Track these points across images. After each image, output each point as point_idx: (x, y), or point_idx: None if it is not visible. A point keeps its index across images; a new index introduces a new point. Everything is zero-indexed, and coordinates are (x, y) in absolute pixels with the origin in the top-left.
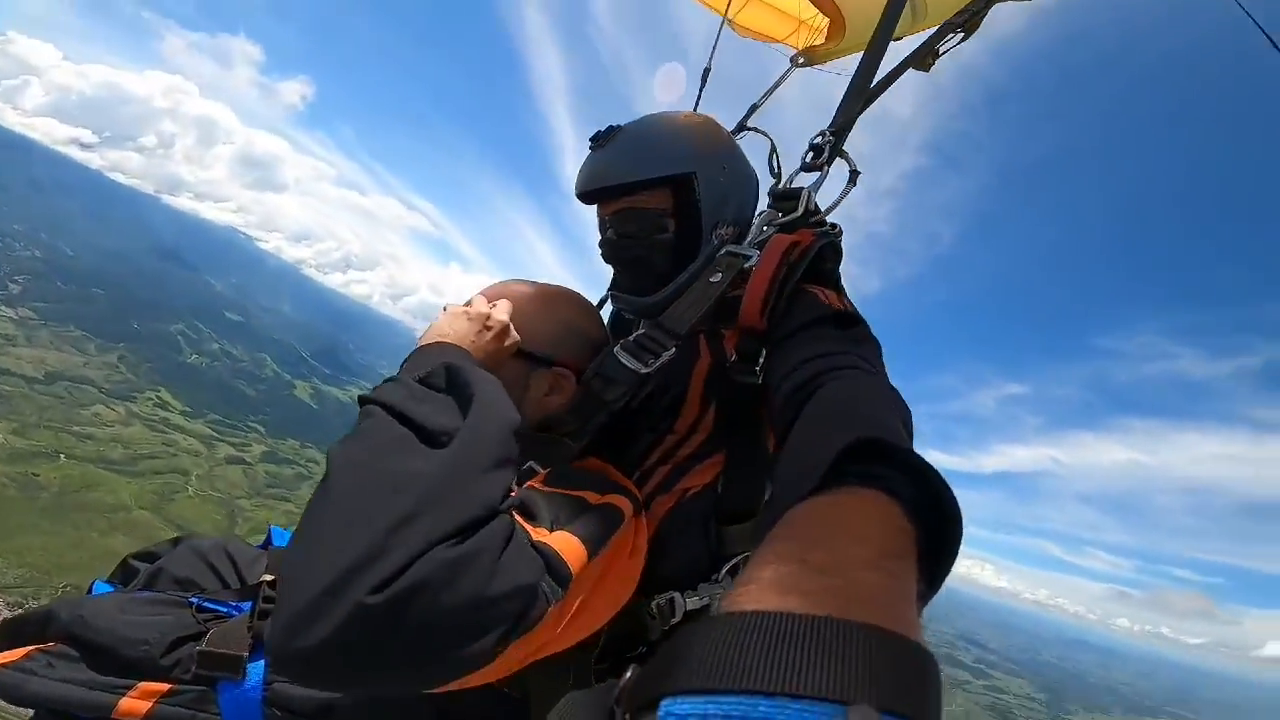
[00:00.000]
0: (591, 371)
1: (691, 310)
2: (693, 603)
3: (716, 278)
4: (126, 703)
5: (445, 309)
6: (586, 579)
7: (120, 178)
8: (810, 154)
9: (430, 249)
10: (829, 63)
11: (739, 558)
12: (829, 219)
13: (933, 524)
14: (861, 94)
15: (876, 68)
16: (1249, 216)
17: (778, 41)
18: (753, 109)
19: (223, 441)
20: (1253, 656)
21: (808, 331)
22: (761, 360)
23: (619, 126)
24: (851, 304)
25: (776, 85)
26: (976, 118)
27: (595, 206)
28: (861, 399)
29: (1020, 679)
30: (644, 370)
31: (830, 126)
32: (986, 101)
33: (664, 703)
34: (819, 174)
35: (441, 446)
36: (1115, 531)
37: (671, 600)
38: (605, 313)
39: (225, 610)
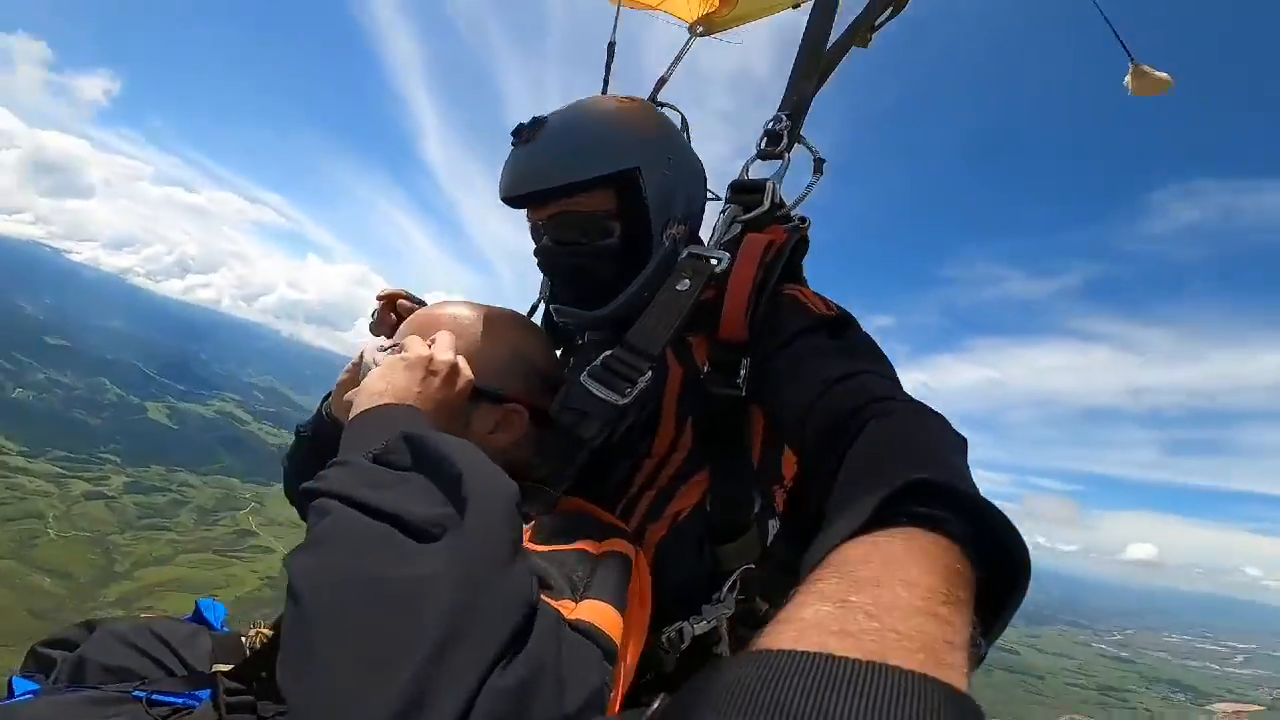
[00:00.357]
0: (558, 406)
1: (662, 325)
2: (700, 628)
3: (684, 285)
4: None
5: (366, 358)
6: (625, 644)
7: None
8: (766, 140)
9: (283, 243)
10: (729, 30)
11: (735, 574)
12: (797, 212)
13: (995, 568)
14: (812, 71)
15: (825, 39)
16: (1056, 153)
17: (664, 11)
18: (661, 82)
19: (74, 478)
20: (1119, 560)
21: (805, 343)
22: (743, 371)
23: (544, 118)
24: (829, 302)
25: (679, 57)
26: (777, 57)
27: (524, 211)
28: (917, 436)
29: None
30: (621, 401)
31: (783, 110)
32: (783, 32)
33: None
34: (780, 163)
35: (434, 540)
36: (986, 448)
37: (680, 630)
38: (536, 320)
39: (180, 702)
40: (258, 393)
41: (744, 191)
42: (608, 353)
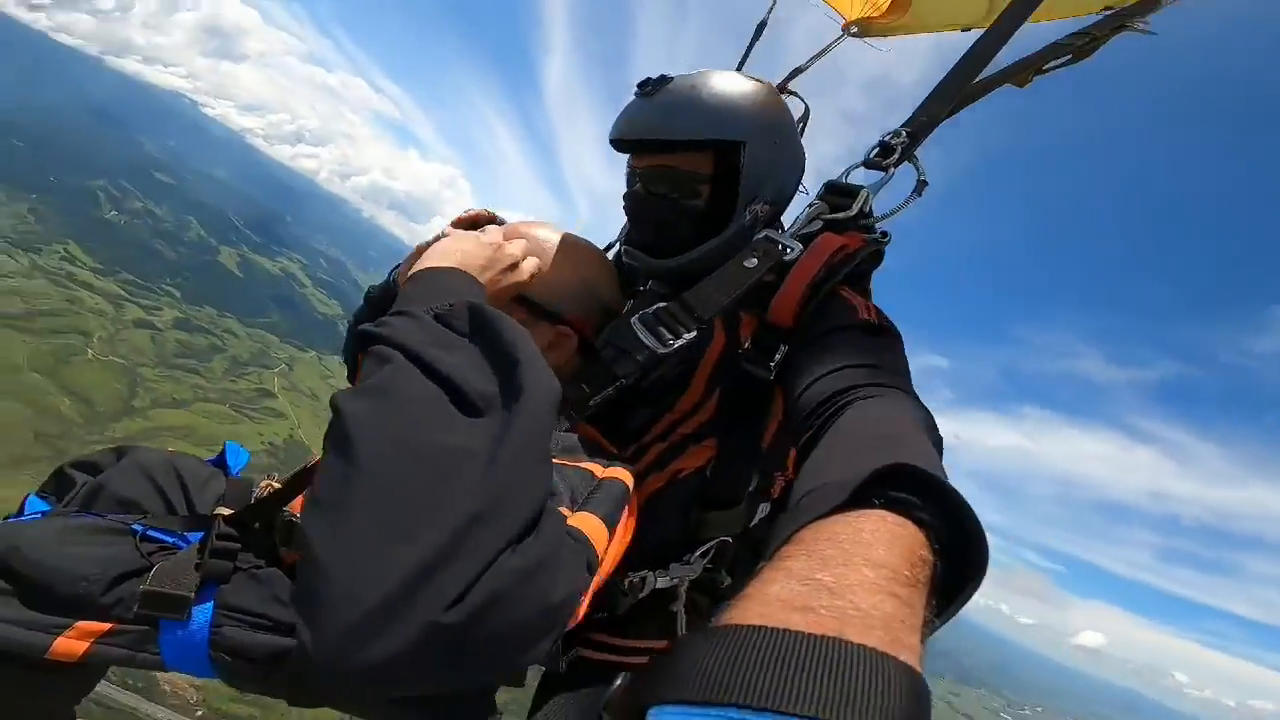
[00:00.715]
0: (604, 340)
1: (720, 293)
2: (663, 582)
3: (752, 263)
4: (62, 643)
5: (445, 233)
6: (601, 565)
7: (65, 39)
8: (877, 150)
9: (392, 133)
10: (884, 38)
11: (712, 542)
12: (881, 226)
13: (955, 557)
14: (952, 96)
15: (978, 72)
16: (1180, 234)
17: (826, 3)
18: (796, 72)
19: (132, 303)
20: (1069, 643)
21: (836, 337)
22: (778, 356)
23: (670, 77)
24: (879, 311)
25: (824, 51)
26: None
27: (627, 156)
28: (896, 421)
29: None
30: (661, 350)
31: (906, 125)
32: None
33: (652, 712)
34: (883, 174)
35: (479, 415)
36: (987, 509)
37: (644, 578)
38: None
39: (172, 541)
40: (323, 260)
41: (837, 193)
42: (662, 304)
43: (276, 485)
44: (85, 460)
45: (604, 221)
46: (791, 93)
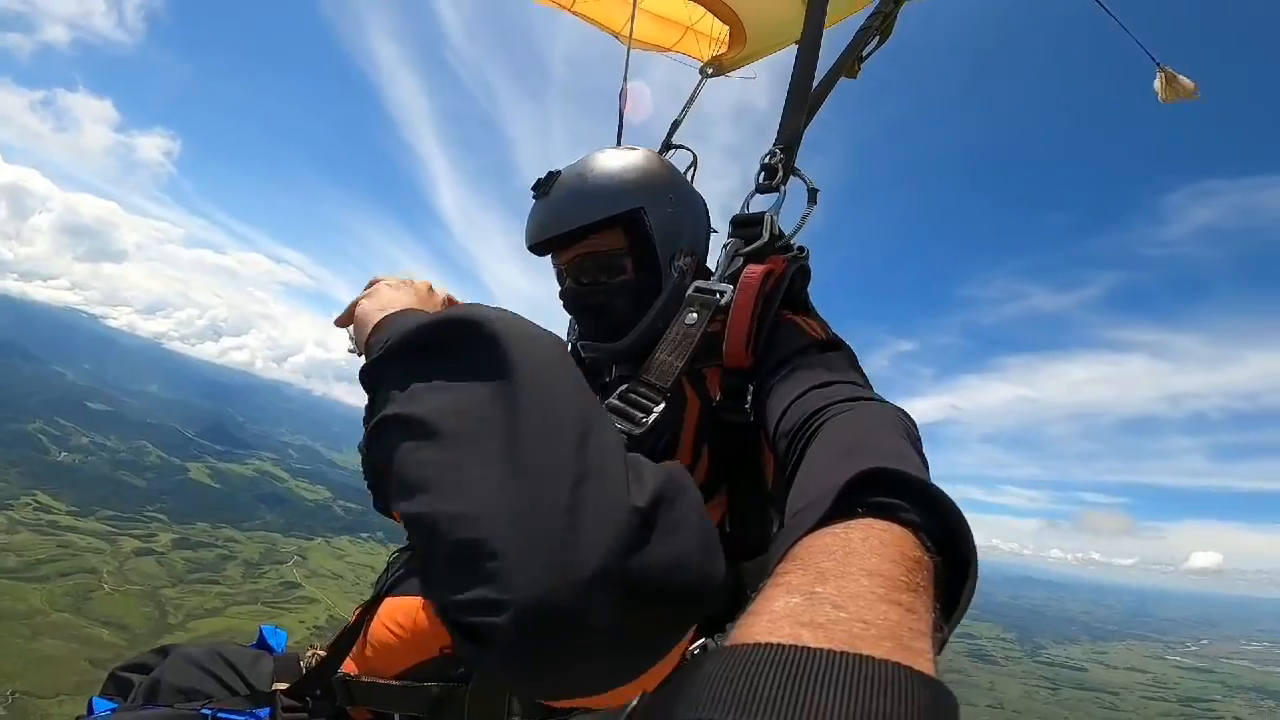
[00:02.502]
0: None
1: (674, 357)
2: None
3: (692, 318)
4: None
5: (374, 285)
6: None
7: None
8: (763, 174)
9: (310, 301)
10: (736, 71)
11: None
12: (796, 242)
13: (948, 555)
14: (801, 105)
15: (813, 74)
16: (1062, 167)
17: (675, 51)
18: (674, 126)
19: (124, 536)
20: (1182, 570)
21: (794, 363)
22: (750, 397)
23: (558, 172)
24: (827, 327)
25: (692, 99)
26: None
27: (549, 256)
28: (870, 429)
29: (986, 623)
30: (638, 431)
31: (777, 143)
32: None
33: None
34: (777, 195)
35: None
36: (1022, 466)
37: (704, 647)
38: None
39: (242, 718)
40: (293, 451)
41: (744, 225)
42: (625, 386)
43: (322, 653)
44: (134, 662)
45: (548, 324)
46: (677, 146)
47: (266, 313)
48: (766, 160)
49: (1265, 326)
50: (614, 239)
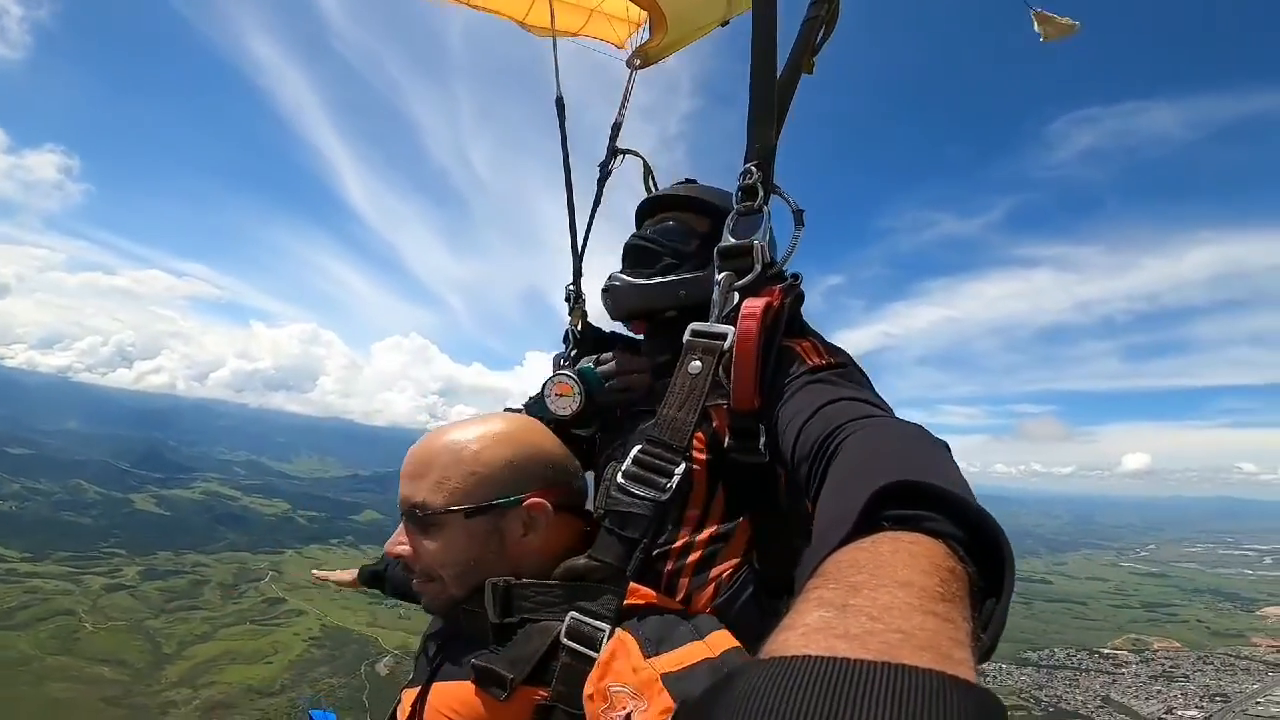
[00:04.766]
0: (600, 509)
1: (685, 412)
2: None
3: (696, 366)
4: None
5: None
6: None
7: None
8: (742, 195)
9: (221, 314)
10: (663, 59)
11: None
12: (785, 268)
13: (982, 561)
14: (768, 113)
15: (774, 77)
16: (954, 103)
17: (584, 36)
18: (616, 128)
19: (88, 574)
20: (1118, 474)
21: (798, 388)
22: (763, 438)
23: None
24: (824, 344)
25: (626, 96)
26: (733, 56)
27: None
28: (892, 443)
29: None
30: (663, 498)
31: (751, 160)
32: (735, 35)
33: None
34: (761, 218)
35: None
36: (957, 385)
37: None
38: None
39: None
40: (238, 468)
41: (733, 256)
42: (637, 449)
43: None
44: None
45: (480, 310)
46: (624, 151)
47: (176, 330)
48: (743, 181)
49: (1156, 233)
50: (700, 223)
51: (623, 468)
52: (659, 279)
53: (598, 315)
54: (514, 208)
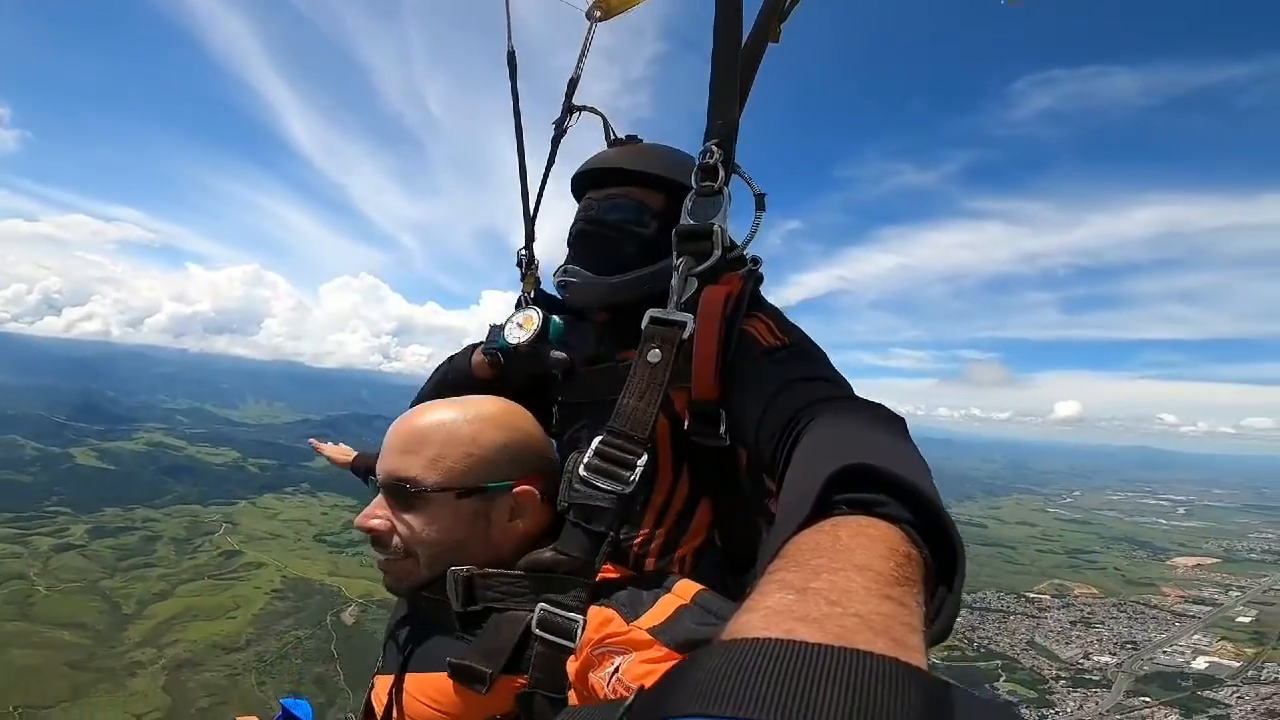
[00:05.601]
0: (564, 502)
1: (645, 403)
2: None
3: (655, 355)
4: None
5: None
6: None
7: None
8: (701, 176)
9: (153, 258)
10: (624, 11)
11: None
12: (746, 252)
13: (935, 548)
14: (730, 87)
15: (737, 52)
16: (922, 52)
17: None
18: (573, 84)
19: (35, 535)
20: (1050, 421)
21: (757, 369)
22: (723, 425)
23: (636, 137)
24: (781, 321)
25: (585, 50)
26: (701, 1)
27: (584, 198)
28: (856, 426)
29: None
30: (628, 491)
31: (711, 138)
32: None
33: None
34: (720, 199)
35: None
36: (908, 329)
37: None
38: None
39: None
40: (181, 417)
41: (691, 238)
42: (599, 439)
43: None
44: None
45: (433, 251)
46: (580, 108)
47: (106, 276)
48: (703, 160)
49: (1102, 193)
50: (655, 199)
51: (584, 460)
52: (619, 276)
53: (550, 276)
54: (470, 147)
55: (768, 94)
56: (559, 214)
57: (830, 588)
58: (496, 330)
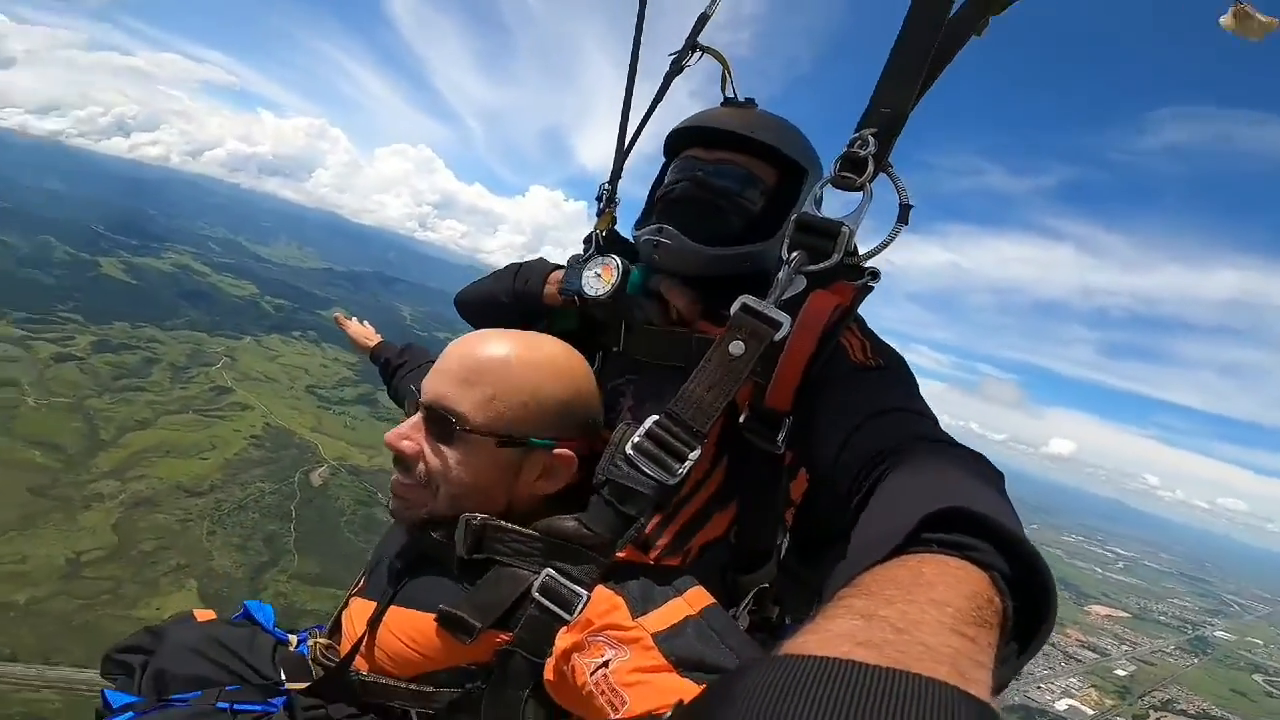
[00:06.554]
0: (602, 476)
1: (714, 397)
2: None
3: (738, 348)
4: None
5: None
6: None
7: None
8: (844, 164)
9: (229, 99)
10: None
11: (751, 594)
12: (868, 264)
13: (1026, 601)
14: (913, 72)
15: (936, 32)
16: (1066, 49)
17: None
18: (703, 20)
19: (39, 340)
20: (1040, 453)
21: (841, 385)
22: (783, 433)
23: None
24: (875, 343)
25: None
26: None
27: (686, 151)
28: (955, 471)
29: None
30: (671, 482)
31: (868, 126)
32: None
33: None
34: (861, 195)
35: None
36: (938, 328)
37: None
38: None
39: (260, 710)
40: (214, 245)
41: (813, 232)
42: (653, 419)
43: (324, 641)
44: (128, 645)
45: (497, 137)
46: (703, 48)
47: (182, 109)
48: (854, 150)
49: (1190, 244)
50: (768, 172)
51: (633, 439)
52: (720, 249)
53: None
54: (556, 45)
55: (871, 53)
56: (647, 157)
57: (899, 616)
58: (575, 270)
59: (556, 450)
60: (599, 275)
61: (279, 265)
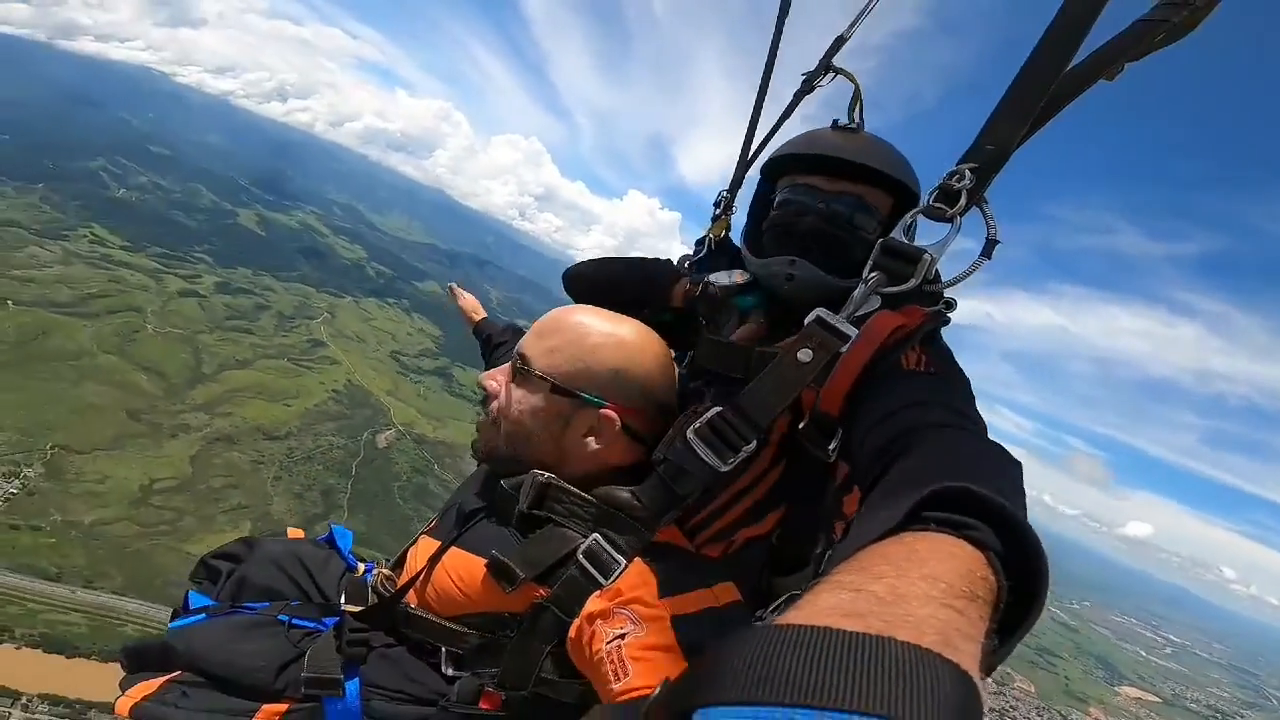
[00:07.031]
0: (660, 455)
1: (776, 397)
2: None
3: (807, 356)
4: None
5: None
6: None
7: (6, 30)
8: (939, 195)
9: (375, 76)
10: None
11: (780, 600)
12: (947, 293)
13: (1020, 582)
14: (1028, 110)
15: (1055, 75)
16: (1215, 105)
17: None
18: (839, 43)
19: (171, 274)
20: (1115, 534)
21: (887, 387)
22: (835, 442)
23: (859, 126)
24: (932, 358)
25: (867, 10)
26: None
27: (799, 174)
28: (961, 450)
29: None
30: (724, 469)
31: (970, 160)
32: None
33: (698, 714)
34: (949, 226)
35: None
36: (1025, 392)
37: None
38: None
39: (313, 626)
40: (337, 209)
41: (895, 256)
42: (716, 410)
43: (387, 572)
44: (223, 552)
45: (605, 136)
46: (837, 70)
47: (332, 82)
48: (951, 182)
49: None
50: (884, 202)
51: (695, 424)
52: (848, 281)
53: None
54: (674, 54)
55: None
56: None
57: (888, 590)
58: (706, 257)
59: (602, 410)
60: (731, 275)
61: (389, 235)
